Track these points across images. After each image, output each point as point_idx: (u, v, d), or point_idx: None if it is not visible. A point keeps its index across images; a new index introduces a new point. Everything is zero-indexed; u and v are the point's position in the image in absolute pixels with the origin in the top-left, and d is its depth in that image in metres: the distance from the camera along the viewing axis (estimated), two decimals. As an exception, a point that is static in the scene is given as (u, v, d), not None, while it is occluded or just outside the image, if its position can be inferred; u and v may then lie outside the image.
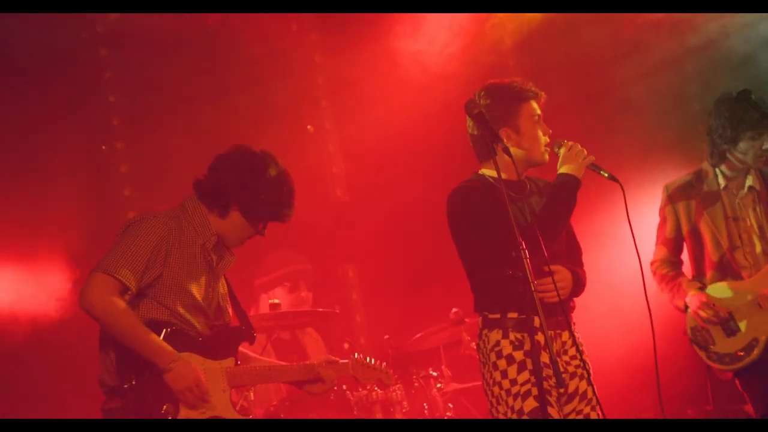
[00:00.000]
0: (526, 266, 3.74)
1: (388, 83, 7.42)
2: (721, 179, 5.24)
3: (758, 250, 5.12)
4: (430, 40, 7.46)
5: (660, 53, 7.46)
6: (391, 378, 5.17)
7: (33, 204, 6.47)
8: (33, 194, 6.47)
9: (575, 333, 4.20)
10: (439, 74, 7.42)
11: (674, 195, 5.32)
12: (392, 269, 7.61)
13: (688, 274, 5.32)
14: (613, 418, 4.24)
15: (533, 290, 3.77)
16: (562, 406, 4.13)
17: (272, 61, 7.45)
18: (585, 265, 4.42)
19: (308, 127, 8.10)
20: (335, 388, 6.04)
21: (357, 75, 7.50)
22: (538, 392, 3.82)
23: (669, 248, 5.36)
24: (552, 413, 3.97)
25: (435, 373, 6.44)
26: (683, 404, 6.64)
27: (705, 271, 5.21)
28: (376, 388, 6.12)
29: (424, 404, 6.23)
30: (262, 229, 4.50)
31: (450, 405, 6.31)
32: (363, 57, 7.43)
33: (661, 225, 5.38)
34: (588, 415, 4.17)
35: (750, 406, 5.20)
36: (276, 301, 6.41)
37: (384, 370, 5.07)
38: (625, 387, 6.76)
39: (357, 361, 4.90)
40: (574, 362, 4.22)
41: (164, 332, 4.17)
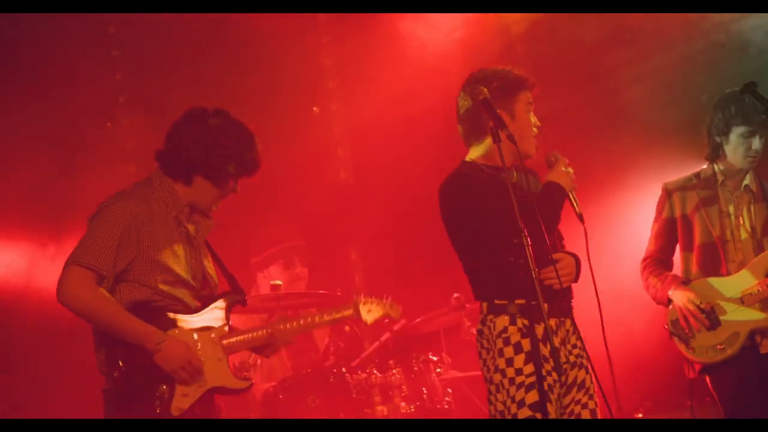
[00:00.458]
0: (527, 254, 3.77)
1: (395, 66, 7.40)
2: (719, 175, 5.25)
3: (748, 249, 5.14)
4: (436, 24, 7.44)
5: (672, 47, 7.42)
6: (398, 310, 5.05)
7: (32, 181, 6.49)
8: (35, 170, 6.49)
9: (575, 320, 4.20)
10: (446, 58, 7.40)
11: (672, 189, 5.33)
12: (395, 252, 7.61)
13: (677, 269, 5.32)
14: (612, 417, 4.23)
15: (540, 278, 3.79)
16: (561, 397, 4.11)
17: (280, 43, 7.44)
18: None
19: (314, 108, 8.10)
20: (334, 370, 6.08)
21: (364, 58, 7.50)
22: (540, 386, 3.85)
23: (660, 243, 5.35)
24: (550, 411, 3.93)
25: (435, 358, 6.45)
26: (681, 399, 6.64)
27: (693, 256, 5.22)
28: (375, 372, 6.13)
29: (423, 389, 6.24)
30: (234, 186, 4.37)
31: (449, 390, 6.32)
32: (370, 39, 7.42)
33: (656, 218, 5.38)
34: (586, 405, 4.15)
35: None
36: (278, 282, 6.42)
37: (390, 303, 4.99)
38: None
39: (361, 303, 4.86)
40: (575, 351, 4.21)
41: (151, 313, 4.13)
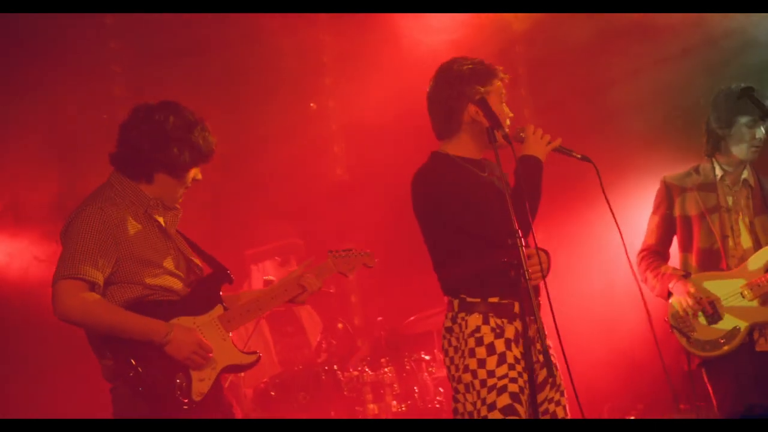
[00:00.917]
0: (521, 251, 3.75)
1: (393, 63, 7.37)
2: (718, 170, 5.27)
3: (747, 243, 5.18)
4: (436, 22, 7.42)
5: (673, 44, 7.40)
6: (373, 259, 4.97)
7: (29, 172, 6.48)
8: (31, 160, 6.48)
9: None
10: (442, 57, 7.34)
11: (670, 183, 5.35)
12: (389, 250, 7.57)
13: (676, 263, 5.33)
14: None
15: (525, 276, 3.75)
16: (534, 396, 3.96)
17: (277, 39, 7.42)
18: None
19: (311, 104, 8.09)
20: (326, 368, 6.07)
21: (362, 55, 7.48)
22: (512, 389, 3.85)
23: (658, 236, 5.37)
24: (520, 411, 3.89)
25: (427, 357, 6.46)
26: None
27: (692, 258, 5.23)
28: (366, 369, 6.13)
29: (415, 388, 6.25)
30: (196, 174, 4.33)
31: (440, 389, 6.33)
32: (368, 38, 7.40)
33: (654, 211, 5.40)
34: (559, 402, 4.10)
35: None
36: (271, 278, 6.44)
37: (364, 253, 4.93)
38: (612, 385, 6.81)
39: (334, 255, 4.79)
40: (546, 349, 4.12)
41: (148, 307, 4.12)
